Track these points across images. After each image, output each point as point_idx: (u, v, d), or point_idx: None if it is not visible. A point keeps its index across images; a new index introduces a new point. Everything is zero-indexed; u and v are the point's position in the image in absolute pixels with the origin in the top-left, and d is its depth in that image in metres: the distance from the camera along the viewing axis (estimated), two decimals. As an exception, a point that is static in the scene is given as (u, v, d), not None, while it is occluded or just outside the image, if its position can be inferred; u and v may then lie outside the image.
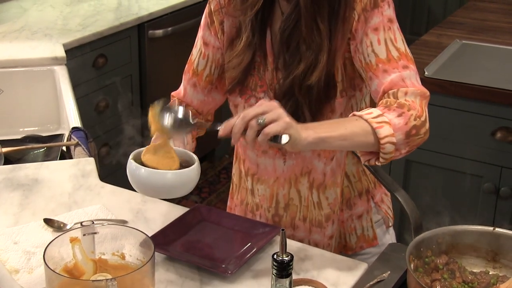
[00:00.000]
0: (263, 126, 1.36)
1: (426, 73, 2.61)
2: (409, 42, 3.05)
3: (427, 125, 1.50)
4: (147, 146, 1.55)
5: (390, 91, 1.51)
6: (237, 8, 1.64)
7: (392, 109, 1.47)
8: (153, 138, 1.59)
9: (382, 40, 1.54)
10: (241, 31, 1.65)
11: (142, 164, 1.49)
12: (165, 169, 1.48)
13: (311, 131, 1.42)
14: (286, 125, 1.37)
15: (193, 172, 1.50)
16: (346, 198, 1.76)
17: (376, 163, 1.49)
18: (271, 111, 1.37)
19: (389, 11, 1.56)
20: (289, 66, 1.60)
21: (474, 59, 2.79)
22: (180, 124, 1.51)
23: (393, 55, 1.54)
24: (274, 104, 1.40)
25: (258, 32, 1.63)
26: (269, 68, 1.65)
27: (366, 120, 1.45)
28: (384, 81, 1.52)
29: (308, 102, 1.57)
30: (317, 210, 1.74)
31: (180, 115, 1.51)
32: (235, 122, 1.39)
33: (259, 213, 1.80)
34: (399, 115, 1.46)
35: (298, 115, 1.60)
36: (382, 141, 1.44)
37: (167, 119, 1.50)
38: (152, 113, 1.50)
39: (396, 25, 1.57)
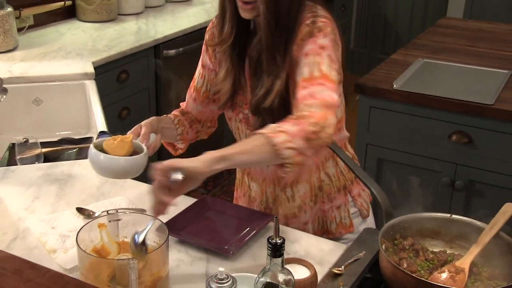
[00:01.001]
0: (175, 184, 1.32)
1: (394, 86, 2.61)
2: (379, 61, 3.08)
3: (328, 130, 1.39)
4: (107, 138, 1.55)
5: (299, 104, 1.44)
6: (217, 42, 1.65)
7: (289, 121, 1.40)
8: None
9: (309, 63, 1.48)
10: (224, 61, 1.66)
11: (102, 150, 1.50)
12: (120, 156, 1.49)
13: (211, 154, 1.35)
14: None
15: (141, 158, 1.50)
16: (327, 193, 1.75)
17: (288, 170, 1.39)
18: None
19: (323, 40, 1.50)
20: (255, 89, 1.60)
21: (434, 74, 2.79)
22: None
23: (315, 74, 1.47)
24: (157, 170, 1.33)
25: (236, 60, 1.63)
26: (248, 89, 1.65)
27: (262, 134, 1.37)
28: (299, 96, 1.46)
29: (271, 120, 1.49)
30: (291, 204, 1.75)
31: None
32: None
33: (255, 204, 1.81)
34: (295, 124, 1.38)
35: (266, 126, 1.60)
36: (278, 147, 1.34)
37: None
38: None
39: (327, 53, 1.49)
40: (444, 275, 1.35)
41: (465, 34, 3.39)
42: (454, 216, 1.50)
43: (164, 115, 1.76)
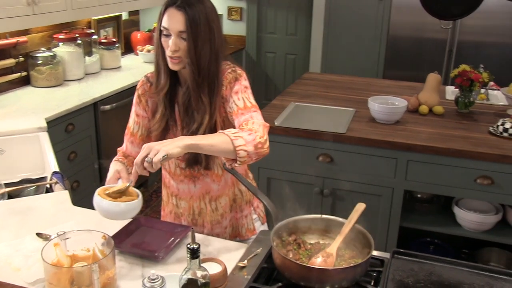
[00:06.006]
0: (150, 162, 1.34)
1: (276, 123, 2.65)
2: (264, 105, 3.11)
3: (268, 143, 1.49)
4: (108, 186, 1.49)
5: (244, 123, 1.51)
6: (153, 92, 1.63)
7: (245, 130, 1.47)
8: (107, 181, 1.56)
9: (240, 98, 1.56)
10: (158, 106, 1.63)
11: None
12: (120, 201, 1.43)
13: (187, 140, 1.38)
14: (160, 151, 1.33)
15: (138, 203, 1.45)
16: (239, 204, 1.76)
17: (236, 165, 1.46)
18: (150, 150, 1.35)
19: (245, 82, 1.59)
20: (188, 125, 1.59)
21: (303, 113, 2.86)
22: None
23: (247, 105, 1.55)
24: (149, 144, 1.36)
25: (169, 106, 1.62)
26: (178, 128, 1.63)
27: (227, 135, 1.43)
28: (241, 119, 1.53)
29: None
30: (215, 213, 1.72)
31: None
32: (135, 169, 1.38)
33: (183, 218, 1.77)
34: (249, 134, 1.45)
35: (197, 157, 1.60)
36: (237, 149, 1.42)
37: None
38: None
39: (249, 90, 1.59)
40: (319, 260, 1.37)
41: (322, 84, 3.49)
42: (323, 216, 1.52)
43: (119, 161, 1.67)
